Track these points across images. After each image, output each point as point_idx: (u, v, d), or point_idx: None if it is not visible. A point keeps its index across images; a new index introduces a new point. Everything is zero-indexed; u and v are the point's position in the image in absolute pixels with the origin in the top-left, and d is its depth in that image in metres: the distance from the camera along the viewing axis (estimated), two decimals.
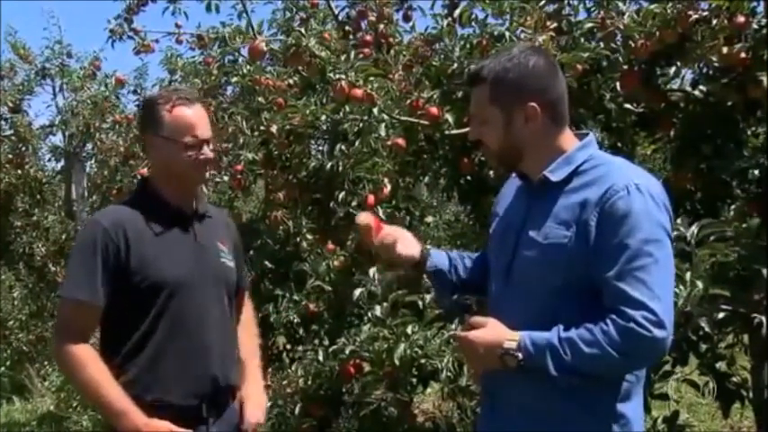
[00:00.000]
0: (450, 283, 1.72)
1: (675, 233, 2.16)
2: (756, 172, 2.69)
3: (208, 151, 1.82)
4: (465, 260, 1.74)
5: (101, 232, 1.75)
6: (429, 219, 4.39)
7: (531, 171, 1.52)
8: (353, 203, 3.77)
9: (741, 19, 2.48)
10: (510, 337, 1.41)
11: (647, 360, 1.44)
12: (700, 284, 2.08)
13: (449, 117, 3.09)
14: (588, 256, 1.39)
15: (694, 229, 2.19)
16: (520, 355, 1.39)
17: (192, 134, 1.79)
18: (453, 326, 2.75)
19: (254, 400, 1.91)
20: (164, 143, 1.81)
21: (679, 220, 2.22)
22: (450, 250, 1.83)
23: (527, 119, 1.49)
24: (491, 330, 1.44)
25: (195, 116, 1.81)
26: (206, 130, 1.83)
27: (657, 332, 1.33)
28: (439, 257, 1.72)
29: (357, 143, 3.85)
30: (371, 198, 3.63)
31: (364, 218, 1.69)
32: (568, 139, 1.52)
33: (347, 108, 3.62)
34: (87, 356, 1.72)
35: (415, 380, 3.01)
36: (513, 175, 1.64)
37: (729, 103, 2.68)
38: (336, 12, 4.41)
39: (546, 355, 1.37)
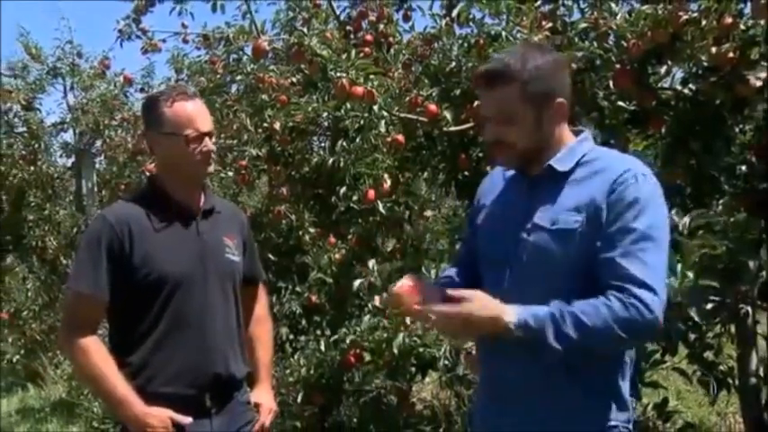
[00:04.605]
0: None
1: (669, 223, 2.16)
2: (743, 168, 2.68)
3: (210, 143, 1.80)
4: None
5: (106, 228, 1.74)
6: (428, 213, 4.38)
7: (536, 163, 1.50)
8: (354, 198, 3.76)
9: (729, 20, 2.46)
10: (509, 312, 1.37)
11: (644, 338, 1.42)
12: (690, 275, 2.07)
13: (447, 114, 3.08)
14: (595, 240, 1.39)
15: (686, 219, 2.18)
16: (520, 333, 1.35)
17: (193, 127, 1.77)
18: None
19: (265, 406, 1.94)
20: (166, 139, 1.79)
21: (673, 211, 2.21)
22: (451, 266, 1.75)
23: (555, 114, 1.48)
24: (486, 304, 1.39)
25: (194, 110, 1.79)
26: (206, 123, 1.81)
27: (658, 312, 1.34)
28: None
29: (358, 139, 3.85)
30: (372, 193, 3.63)
31: (399, 291, 1.47)
32: (568, 133, 1.53)
33: (348, 105, 3.60)
34: (91, 347, 1.71)
35: (413, 369, 3.01)
36: (502, 168, 1.62)
37: (718, 102, 2.66)
38: (338, 12, 4.39)
39: (547, 325, 1.34)
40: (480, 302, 1.40)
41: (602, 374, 1.44)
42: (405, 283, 1.48)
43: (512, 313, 1.37)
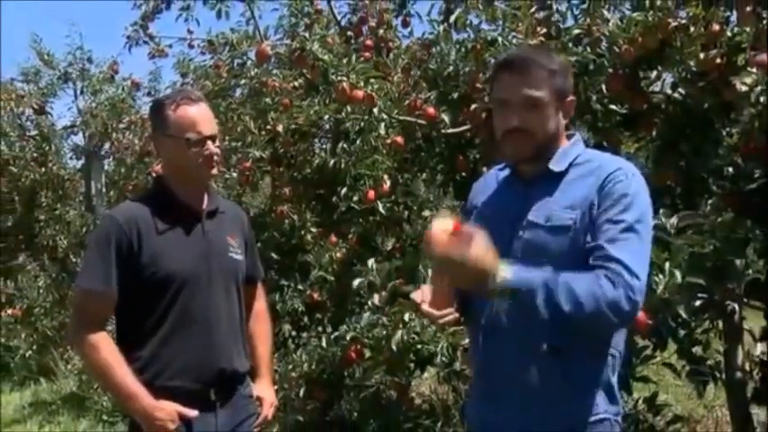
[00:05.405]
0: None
1: (657, 223, 2.17)
2: (731, 169, 2.70)
3: (212, 147, 1.80)
4: None
5: (115, 227, 1.75)
6: (426, 213, 4.39)
7: (534, 163, 1.51)
8: (355, 198, 3.78)
9: (716, 27, 2.49)
10: (504, 269, 1.33)
11: (625, 318, 1.38)
12: (677, 273, 2.08)
13: (445, 117, 3.09)
14: (587, 234, 1.41)
15: (674, 220, 2.20)
16: (512, 288, 1.33)
17: (196, 131, 1.78)
18: None
19: (267, 400, 1.97)
20: (170, 141, 1.80)
21: (661, 211, 2.22)
22: None
23: (566, 111, 1.51)
24: (487, 254, 1.32)
25: (198, 114, 1.79)
26: (210, 127, 1.81)
27: (639, 297, 1.35)
28: None
29: (358, 141, 3.87)
30: (372, 193, 3.64)
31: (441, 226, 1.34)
32: (564, 135, 1.55)
33: (349, 108, 3.62)
34: (101, 342, 1.72)
35: (412, 365, 3.02)
36: (497, 168, 1.63)
37: (706, 105, 2.68)
38: (339, 17, 4.41)
39: (538, 289, 1.33)
40: (484, 253, 1.33)
41: (593, 367, 1.45)
42: (450, 222, 1.36)
43: (508, 270, 1.34)
